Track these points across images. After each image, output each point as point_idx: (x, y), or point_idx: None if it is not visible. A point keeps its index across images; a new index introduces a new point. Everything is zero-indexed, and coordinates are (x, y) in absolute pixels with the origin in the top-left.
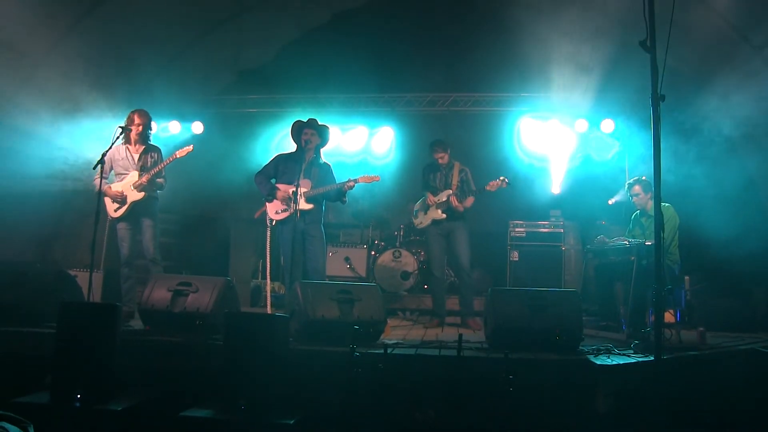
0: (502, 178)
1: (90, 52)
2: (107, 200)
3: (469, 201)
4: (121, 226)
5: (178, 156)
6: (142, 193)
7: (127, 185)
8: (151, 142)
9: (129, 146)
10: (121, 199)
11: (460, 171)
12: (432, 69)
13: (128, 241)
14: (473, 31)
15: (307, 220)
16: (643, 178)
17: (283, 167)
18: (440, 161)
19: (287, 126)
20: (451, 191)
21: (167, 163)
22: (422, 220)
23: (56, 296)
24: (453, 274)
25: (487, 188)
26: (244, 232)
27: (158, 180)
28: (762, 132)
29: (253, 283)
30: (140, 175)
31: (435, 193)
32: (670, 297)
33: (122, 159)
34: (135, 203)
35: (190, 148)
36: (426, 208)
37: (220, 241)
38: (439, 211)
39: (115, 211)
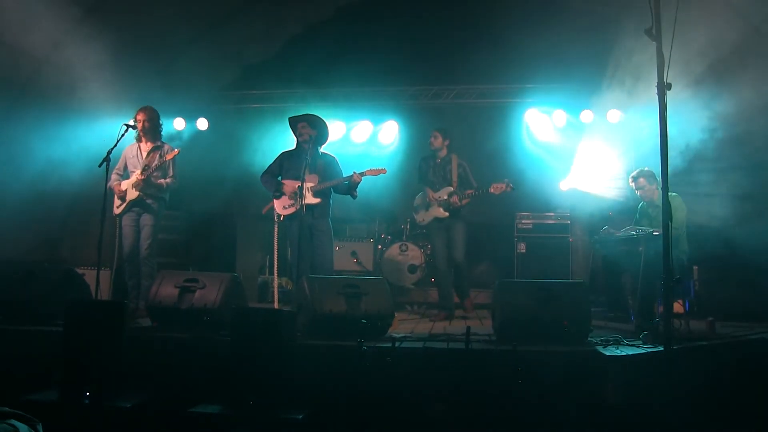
0: (506, 182)
1: (94, 50)
2: (116, 197)
3: (468, 193)
4: (124, 223)
5: (166, 159)
6: (137, 193)
7: (129, 183)
8: (162, 140)
9: (140, 144)
10: (122, 196)
11: (459, 166)
12: (437, 61)
13: (130, 239)
14: (478, 22)
15: (315, 214)
16: (646, 169)
17: (287, 164)
18: (431, 147)
19: None
20: (452, 189)
21: (157, 167)
22: (424, 217)
23: (64, 294)
24: None
25: (491, 191)
26: (251, 227)
27: (159, 181)
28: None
29: (260, 279)
30: (141, 174)
31: (434, 189)
32: (678, 287)
33: (133, 157)
34: (132, 201)
35: (177, 151)
36: (427, 206)
37: (226, 236)
38: (441, 210)
39: (117, 207)
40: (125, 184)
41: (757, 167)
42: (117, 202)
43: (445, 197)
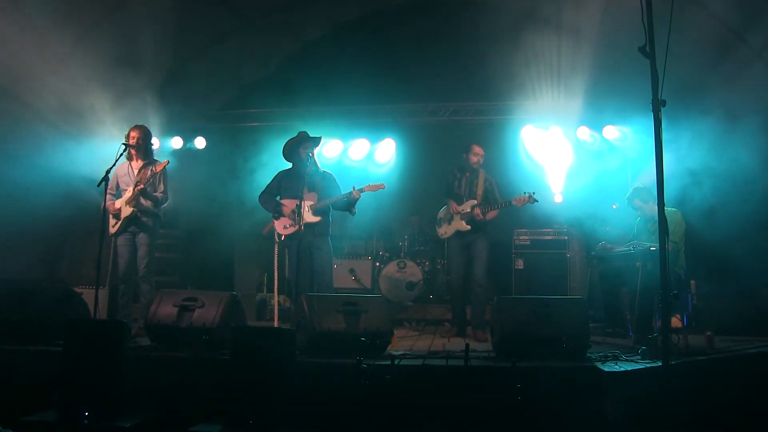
0: (529, 194)
1: (91, 70)
2: (111, 216)
3: (493, 214)
4: (119, 242)
5: (156, 171)
6: (132, 209)
7: (123, 201)
8: (154, 158)
9: (131, 162)
10: (116, 215)
11: (485, 181)
12: (433, 79)
13: (125, 258)
14: (474, 41)
15: (315, 232)
16: (640, 186)
17: (286, 183)
18: (472, 159)
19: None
20: (475, 201)
21: (149, 179)
22: (446, 230)
23: (63, 314)
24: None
25: (514, 203)
26: (249, 245)
27: (155, 194)
28: (762, 131)
29: (258, 297)
30: (133, 191)
31: (459, 202)
32: (676, 302)
33: (125, 175)
34: (128, 219)
35: (166, 162)
36: (450, 218)
37: (224, 255)
38: (464, 222)
39: (113, 226)
40: (119, 202)
41: (753, 179)
42: (112, 221)
43: (468, 210)
